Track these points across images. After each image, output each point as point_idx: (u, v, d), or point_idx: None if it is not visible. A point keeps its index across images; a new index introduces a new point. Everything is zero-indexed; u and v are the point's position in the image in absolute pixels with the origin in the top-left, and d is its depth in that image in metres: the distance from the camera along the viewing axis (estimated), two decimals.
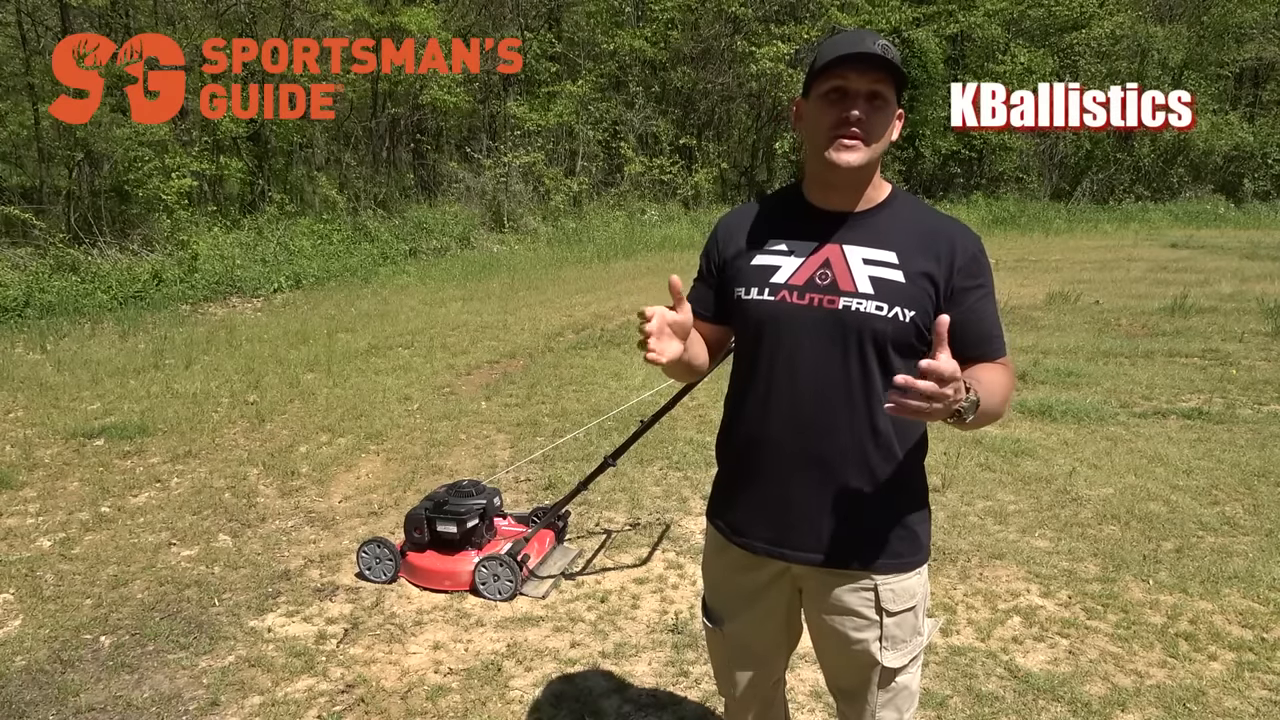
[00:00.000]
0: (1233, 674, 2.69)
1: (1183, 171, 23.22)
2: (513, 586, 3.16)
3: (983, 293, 1.54)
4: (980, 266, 1.54)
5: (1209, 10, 22.67)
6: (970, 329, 1.52)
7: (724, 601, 1.76)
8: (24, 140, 13.49)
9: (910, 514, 1.59)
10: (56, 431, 5.10)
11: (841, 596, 1.58)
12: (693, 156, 19.36)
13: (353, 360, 6.82)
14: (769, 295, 1.57)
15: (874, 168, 1.52)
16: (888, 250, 1.52)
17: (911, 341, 1.52)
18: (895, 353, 1.51)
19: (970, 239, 1.54)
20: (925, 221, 1.55)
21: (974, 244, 1.54)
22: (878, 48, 1.42)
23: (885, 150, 1.52)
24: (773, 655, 1.78)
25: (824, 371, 1.54)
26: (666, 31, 18.40)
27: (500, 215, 15.51)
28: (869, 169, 1.51)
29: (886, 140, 1.50)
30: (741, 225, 1.69)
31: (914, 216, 1.56)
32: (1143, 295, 9.75)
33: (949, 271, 1.51)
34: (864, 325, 1.50)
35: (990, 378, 1.48)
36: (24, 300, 8.80)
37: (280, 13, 16.10)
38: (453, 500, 3.30)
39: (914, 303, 1.50)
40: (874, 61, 1.42)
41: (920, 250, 1.51)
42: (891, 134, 1.51)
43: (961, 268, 1.51)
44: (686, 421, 5.24)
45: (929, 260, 1.50)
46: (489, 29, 18.67)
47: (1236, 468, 4.45)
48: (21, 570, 3.43)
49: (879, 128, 1.47)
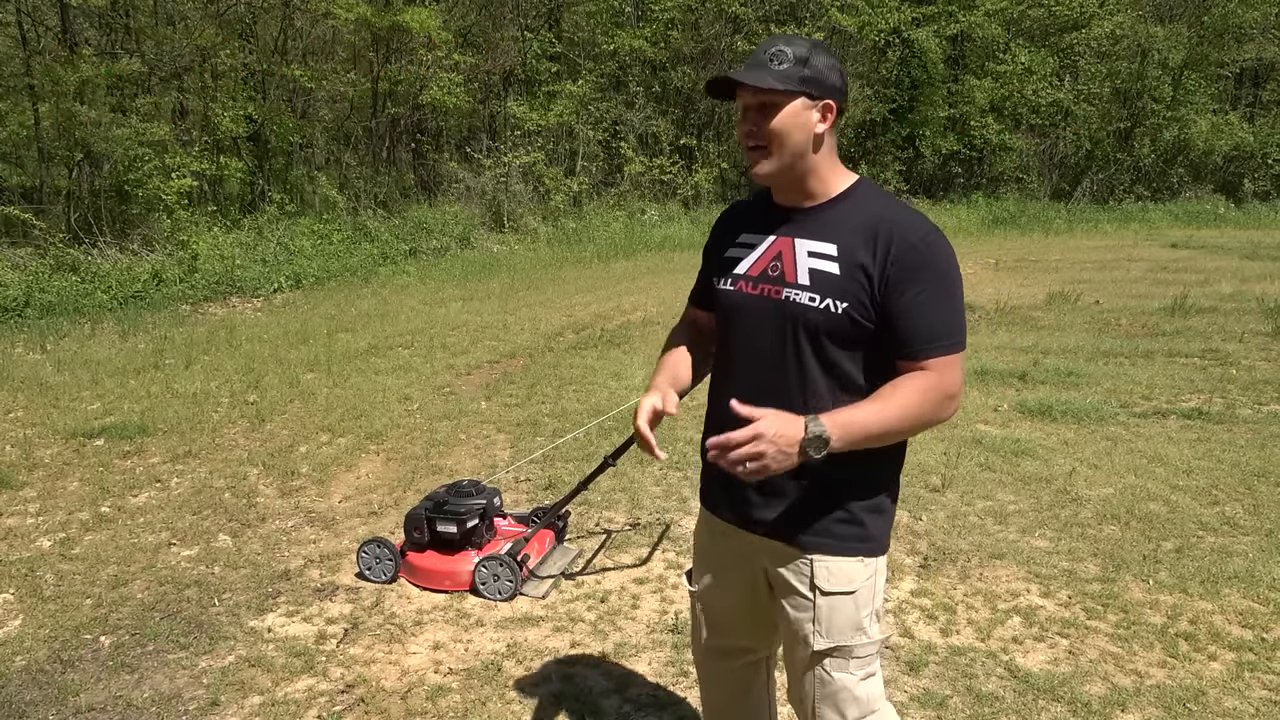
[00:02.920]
0: (1233, 674, 2.69)
1: (1183, 171, 23.22)
2: (513, 586, 3.16)
3: (919, 287, 1.48)
4: (919, 257, 1.49)
5: (1209, 10, 22.66)
6: (899, 324, 1.50)
7: (698, 563, 1.88)
8: (24, 140, 13.47)
9: (856, 502, 1.60)
10: (56, 431, 5.10)
11: (785, 575, 1.65)
12: (693, 156, 19.36)
13: (353, 360, 6.82)
14: (730, 285, 1.68)
15: (797, 169, 1.57)
16: (829, 243, 1.55)
17: (846, 332, 1.54)
18: (831, 343, 1.55)
19: (913, 229, 1.50)
20: (872, 213, 1.54)
21: (916, 234, 1.50)
22: (742, 68, 1.53)
23: (808, 148, 1.55)
24: (735, 626, 1.85)
25: (767, 360, 1.61)
26: (666, 31, 18.40)
27: (500, 215, 15.51)
28: (788, 172, 1.57)
29: (799, 139, 1.53)
30: (728, 220, 1.80)
31: (865, 209, 1.56)
32: (1143, 295, 9.75)
33: (884, 262, 1.49)
34: (799, 316, 1.56)
35: (891, 392, 1.49)
36: (24, 300, 8.80)
37: (280, 13, 16.09)
38: (453, 500, 3.30)
39: (846, 294, 1.52)
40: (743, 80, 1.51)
41: (861, 242, 1.52)
42: (809, 130, 1.53)
43: (897, 258, 1.49)
44: (686, 421, 5.24)
45: (866, 251, 1.51)
46: (489, 29, 18.67)
47: (1236, 468, 4.45)
48: (21, 570, 3.43)
49: (775, 134, 1.52)
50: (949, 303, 1.51)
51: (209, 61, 14.81)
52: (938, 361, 1.50)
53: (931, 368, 1.50)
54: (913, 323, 1.50)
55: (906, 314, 1.49)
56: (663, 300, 9.59)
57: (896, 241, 1.49)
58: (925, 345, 1.50)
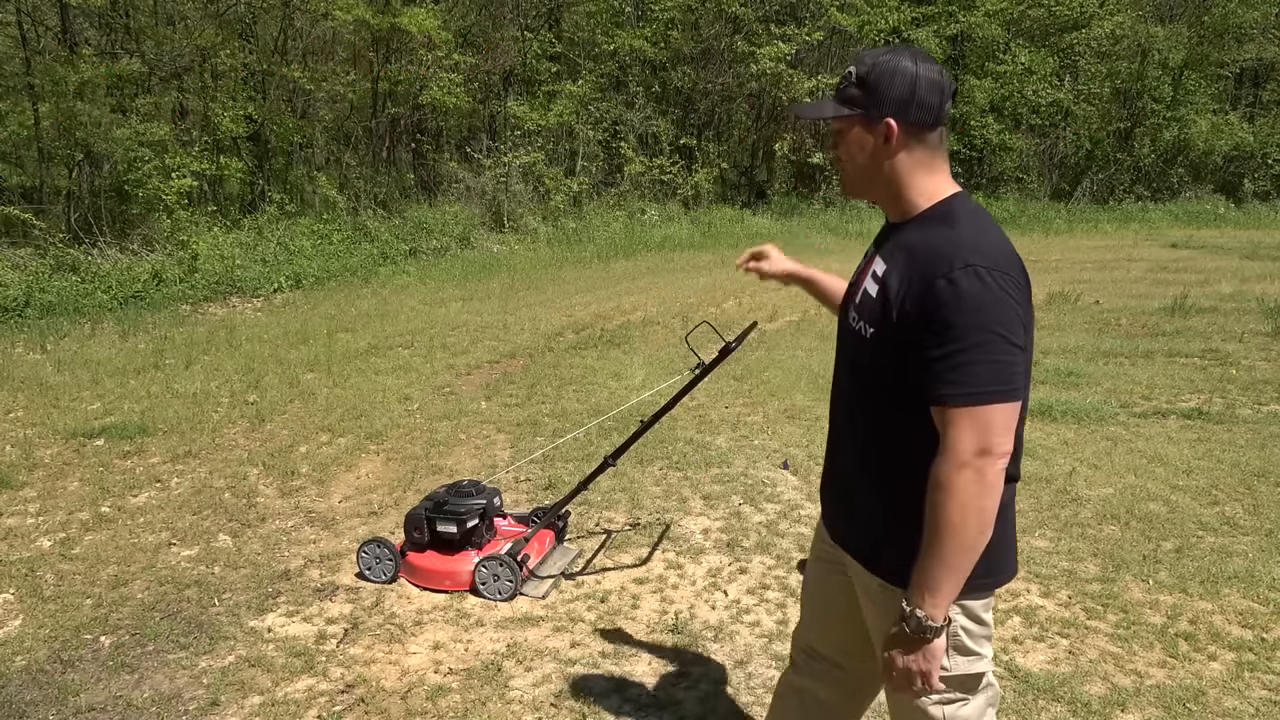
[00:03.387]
0: (1233, 674, 2.69)
1: (1183, 171, 23.22)
2: (513, 586, 3.16)
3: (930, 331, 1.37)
4: (934, 298, 1.37)
5: (1209, 10, 22.66)
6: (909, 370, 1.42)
7: (810, 555, 1.92)
8: (24, 140, 13.47)
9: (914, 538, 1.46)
10: (56, 431, 5.10)
11: (864, 596, 1.66)
12: (693, 156, 19.35)
13: (353, 360, 6.82)
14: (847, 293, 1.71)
15: (874, 189, 1.56)
16: (886, 264, 1.52)
17: (872, 360, 1.49)
18: (871, 370, 1.52)
19: (943, 264, 1.38)
20: (925, 236, 1.47)
21: (943, 269, 1.38)
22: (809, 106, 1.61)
23: (877, 169, 1.53)
24: (824, 620, 1.85)
25: (838, 387, 1.66)
26: (666, 31, 18.39)
27: (500, 215, 15.51)
28: (866, 192, 1.59)
29: (862, 162, 1.53)
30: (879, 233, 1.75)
31: (925, 231, 1.48)
32: (1143, 295, 9.75)
33: (902, 293, 1.43)
34: (850, 339, 1.58)
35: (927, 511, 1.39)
36: (24, 300, 8.79)
37: (280, 13, 16.09)
38: (453, 500, 3.30)
39: (874, 319, 1.49)
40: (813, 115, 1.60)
41: (904, 265, 1.46)
42: (864, 147, 1.52)
43: (910, 294, 1.40)
44: (686, 421, 5.24)
45: (899, 277, 1.45)
46: (489, 29, 18.67)
47: (1236, 468, 4.45)
48: (21, 570, 3.43)
49: (847, 157, 1.55)
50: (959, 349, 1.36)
51: (209, 61, 14.80)
52: (949, 413, 1.37)
53: (944, 421, 1.38)
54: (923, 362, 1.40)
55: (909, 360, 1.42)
56: (663, 300, 9.59)
57: (919, 278, 1.41)
58: (933, 395, 1.40)
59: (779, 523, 3.82)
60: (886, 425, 1.50)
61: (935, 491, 1.38)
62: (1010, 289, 1.37)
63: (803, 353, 7.02)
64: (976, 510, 1.36)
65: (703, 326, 3.46)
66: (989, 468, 1.35)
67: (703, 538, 3.69)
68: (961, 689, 1.58)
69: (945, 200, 1.51)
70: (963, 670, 1.55)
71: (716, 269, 12.37)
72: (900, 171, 1.51)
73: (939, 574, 1.38)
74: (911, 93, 1.46)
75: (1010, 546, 1.57)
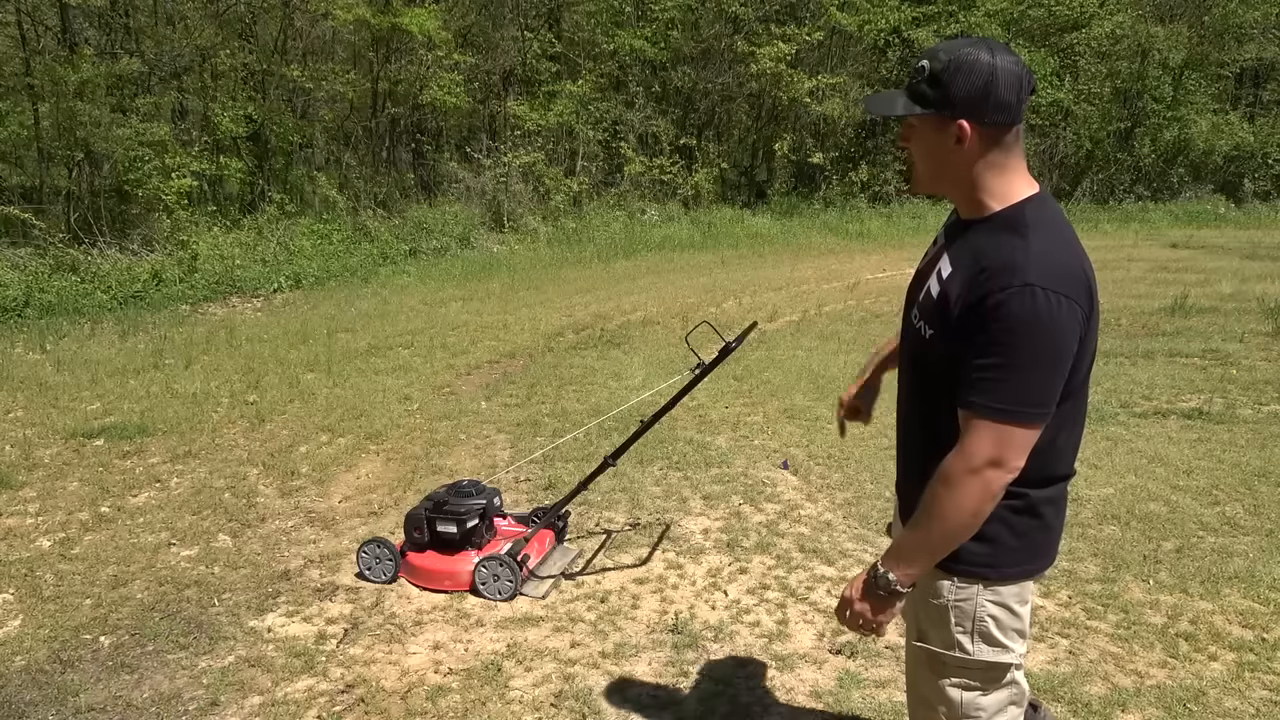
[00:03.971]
0: (1233, 674, 2.69)
1: (1183, 171, 23.22)
2: (513, 586, 3.16)
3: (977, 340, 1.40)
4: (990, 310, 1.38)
5: (1209, 10, 22.66)
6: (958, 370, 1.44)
7: None
8: (24, 140, 13.46)
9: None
10: (56, 431, 5.10)
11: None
12: (693, 156, 19.35)
13: (353, 360, 6.82)
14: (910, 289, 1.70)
15: (946, 187, 1.55)
16: (952, 265, 1.50)
17: (931, 360, 1.51)
18: (931, 370, 1.54)
19: (1004, 278, 1.37)
20: (991, 242, 1.45)
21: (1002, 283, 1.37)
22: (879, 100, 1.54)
23: (949, 168, 1.50)
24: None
25: (903, 387, 1.69)
26: (666, 31, 18.38)
27: (500, 215, 15.50)
28: (937, 189, 1.58)
29: (939, 155, 1.49)
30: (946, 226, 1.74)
31: (993, 236, 1.46)
32: (1143, 295, 9.75)
33: (962, 299, 1.43)
34: (911, 337, 1.60)
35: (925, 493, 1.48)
36: (24, 300, 8.79)
37: (280, 13, 16.09)
38: (453, 500, 3.30)
39: (934, 320, 1.50)
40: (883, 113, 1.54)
41: (968, 269, 1.45)
42: (935, 146, 1.49)
43: (970, 301, 1.41)
44: (686, 421, 5.24)
45: (961, 282, 1.45)
46: (489, 29, 18.67)
47: (1237, 468, 4.45)
48: (21, 570, 3.43)
49: (917, 154, 1.53)
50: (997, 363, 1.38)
51: (209, 61, 14.81)
52: (974, 421, 1.41)
53: (965, 425, 1.42)
54: (961, 371, 1.42)
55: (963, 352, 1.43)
56: (663, 300, 9.59)
57: (977, 283, 1.41)
58: (963, 399, 1.43)
59: (779, 523, 3.82)
60: (945, 424, 1.48)
61: (941, 483, 1.44)
62: (1065, 313, 1.36)
63: (803, 353, 7.02)
64: (972, 513, 1.44)
65: (703, 327, 3.48)
66: (996, 480, 1.41)
67: (703, 538, 3.69)
68: (984, 678, 1.60)
69: (1019, 205, 1.47)
70: (987, 658, 1.58)
71: (716, 269, 12.37)
72: (973, 173, 1.48)
73: (917, 551, 1.50)
74: (987, 92, 1.41)
75: (1054, 540, 1.65)
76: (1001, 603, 1.57)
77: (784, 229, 16.84)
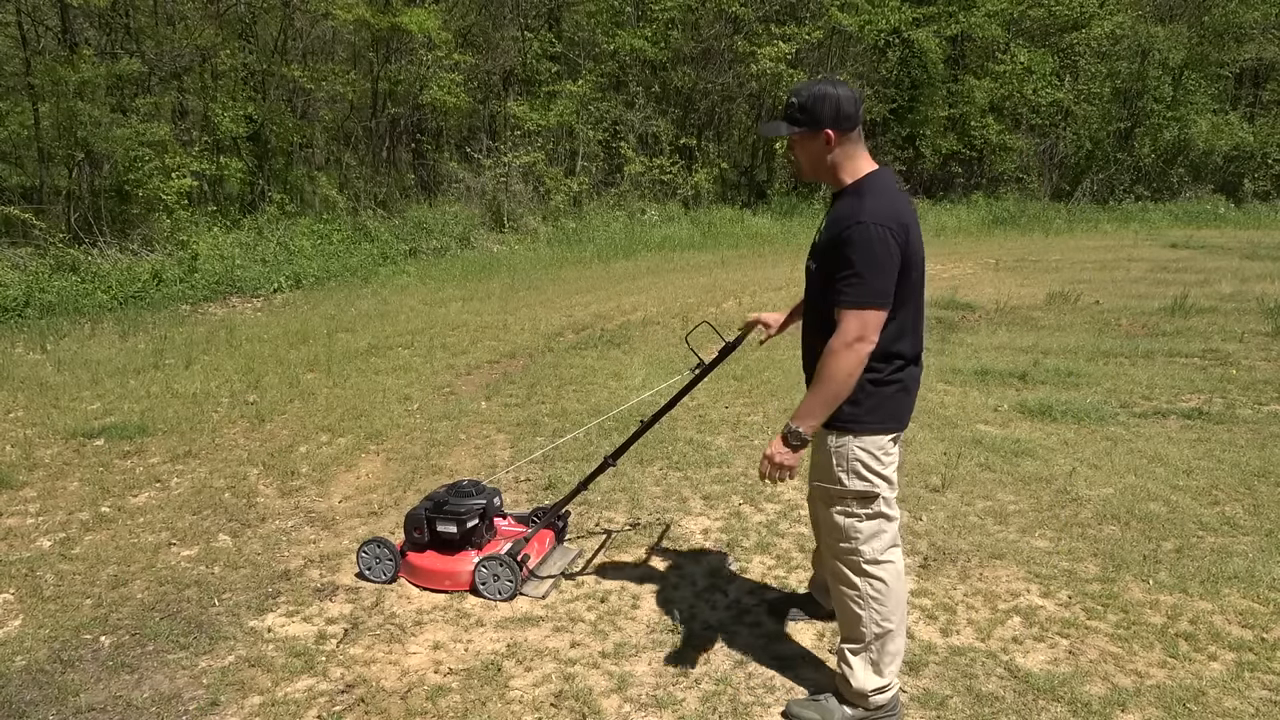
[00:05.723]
0: (1233, 674, 2.69)
1: (1183, 171, 23.23)
2: (513, 586, 3.16)
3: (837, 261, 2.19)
4: (842, 241, 2.17)
5: (1209, 10, 22.66)
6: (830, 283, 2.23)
7: None
8: (24, 140, 13.47)
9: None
10: (56, 431, 5.10)
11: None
12: (693, 156, 19.35)
13: (353, 360, 6.83)
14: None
15: (819, 172, 2.33)
16: (826, 222, 2.34)
17: (816, 284, 2.33)
18: (817, 292, 2.33)
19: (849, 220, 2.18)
20: (847, 203, 2.26)
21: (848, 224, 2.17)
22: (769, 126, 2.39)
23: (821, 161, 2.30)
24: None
25: (806, 298, 2.46)
26: (666, 31, 18.39)
27: (500, 215, 15.51)
28: (813, 175, 2.36)
29: (813, 154, 2.30)
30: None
31: (849, 200, 2.27)
32: (1143, 295, 9.75)
33: (828, 239, 2.26)
34: (808, 275, 2.40)
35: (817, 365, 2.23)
36: (24, 300, 8.79)
37: (280, 13, 16.09)
38: (453, 500, 3.29)
39: (816, 257, 2.34)
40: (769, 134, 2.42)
41: (832, 221, 2.28)
42: (803, 156, 2.33)
43: (832, 239, 2.23)
44: (686, 421, 5.24)
45: (829, 229, 2.28)
46: (489, 29, 18.67)
47: (1236, 468, 4.45)
48: (21, 570, 3.43)
49: (800, 156, 2.35)
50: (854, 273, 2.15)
51: (209, 61, 14.81)
52: (841, 314, 2.18)
53: (838, 318, 2.18)
54: (833, 281, 2.20)
55: (831, 273, 2.21)
56: (663, 300, 9.60)
57: (836, 228, 2.23)
58: (834, 301, 2.19)
59: (779, 523, 3.82)
60: (828, 329, 2.23)
61: (827, 355, 2.19)
62: (887, 236, 2.15)
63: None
64: (848, 374, 2.18)
65: (703, 326, 3.49)
66: (862, 349, 2.17)
67: (703, 538, 3.69)
68: (858, 504, 2.35)
69: (863, 178, 2.29)
70: (857, 487, 2.33)
71: (716, 269, 12.37)
72: (836, 161, 2.29)
73: (814, 407, 2.22)
74: (837, 110, 2.23)
75: (905, 409, 2.37)
76: (865, 449, 2.31)
77: (784, 229, 16.84)
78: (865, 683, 2.39)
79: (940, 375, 6.25)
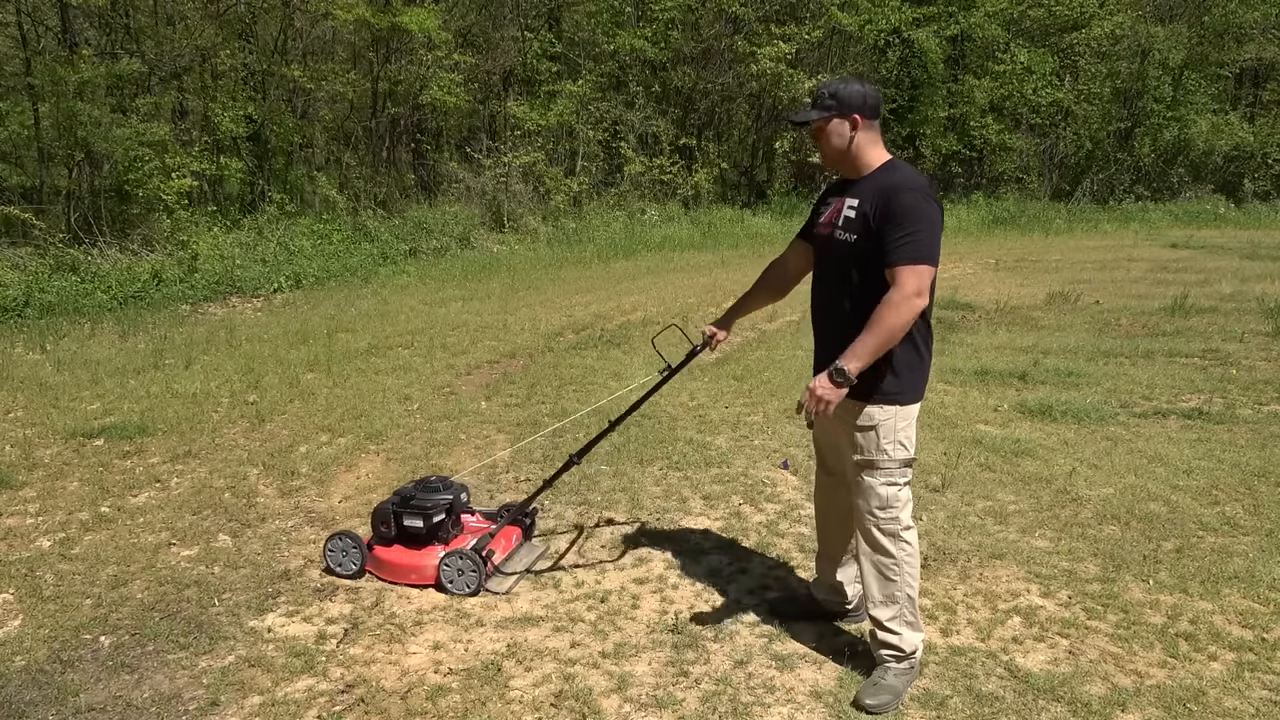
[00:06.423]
0: (1233, 674, 2.69)
1: (1183, 171, 23.23)
2: (476, 580, 3.17)
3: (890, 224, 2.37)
4: (894, 206, 2.38)
5: (1209, 10, 22.66)
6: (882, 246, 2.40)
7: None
8: (24, 140, 13.47)
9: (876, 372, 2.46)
10: (56, 431, 5.10)
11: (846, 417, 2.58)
12: (693, 156, 19.34)
13: (353, 360, 6.82)
14: (816, 228, 2.70)
15: (844, 157, 2.56)
16: (856, 199, 2.51)
17: (850, 256, 2.49)
18: (852, 260, 2.50)
19: (895, 190, 2.40)
20: (882, 181, 2.48)
21: (895, 193, 2.39)
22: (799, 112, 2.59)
23: (846, 145, 2.53)
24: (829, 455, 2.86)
25: (830, 269, 2.63)
26: (667, 31, 18.38)
27: (500, 215, 15.50)
28: (838, 162, 2.60)
29: (837, 142, 2.53)
30: (823, 192, 2.78)
31: (882, 178, 2.49)
32: (1143, 295, 9.75)
33: (874, 210, 2.43)
34: (837, 248, 2.54)
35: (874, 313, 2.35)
36: (24, 300, 8.79)
37: (280, 13, 16.09)
38: (420, 495, 3.31)
39: (856, 229, 2.48)
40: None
41: (871, 196, 2.46)
42: (832, 139, 2.53)
43: (878, 208, 2.41)
44: (686, 421, 5.24)
45: (869, 203, 2.45)
46: (489, 29, 18.66)
47: (1237, 468, 4.45)
48: (21, 570, 3.43)
49: (824, 143, 2.57)
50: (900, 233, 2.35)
51: (209, 61, 14.81)
52: (899, 270, 2.35)
53: (895, 275, 2.35)
54: (885, 245, 2.38)
55: (882, 239, 2.39)
56: (663, 300, 9.60)
57: (881, 200, 2.42)
58: (892, 261, 2.36)
59: (779, 523, 3.82)
60: (859, 296, 2.46)
61: (886, 307, 2.33)
62: (931, 203, 2.40)
63: (803, 352, 7.01)
64: (901, 326, 2.34)
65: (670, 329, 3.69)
66: (919, 304, 2.35)
67: (703, 538, 3.69)
68: (900, 474, 2.53)
69: (887, 163, 2.55)
70: (902, 455, 2.52)
71: (716, 269, 12.37)
72: (860, 145, 2.53)
73: (864, 351, 2.34)
74: (864, 99, 2.49)
75: (926, 378, 2.59)
76: (908, 420, 2.53)
77: (784, 229, 16.83)
78: (912, 641, 2.59)
79: (940, 375, 6.24)
